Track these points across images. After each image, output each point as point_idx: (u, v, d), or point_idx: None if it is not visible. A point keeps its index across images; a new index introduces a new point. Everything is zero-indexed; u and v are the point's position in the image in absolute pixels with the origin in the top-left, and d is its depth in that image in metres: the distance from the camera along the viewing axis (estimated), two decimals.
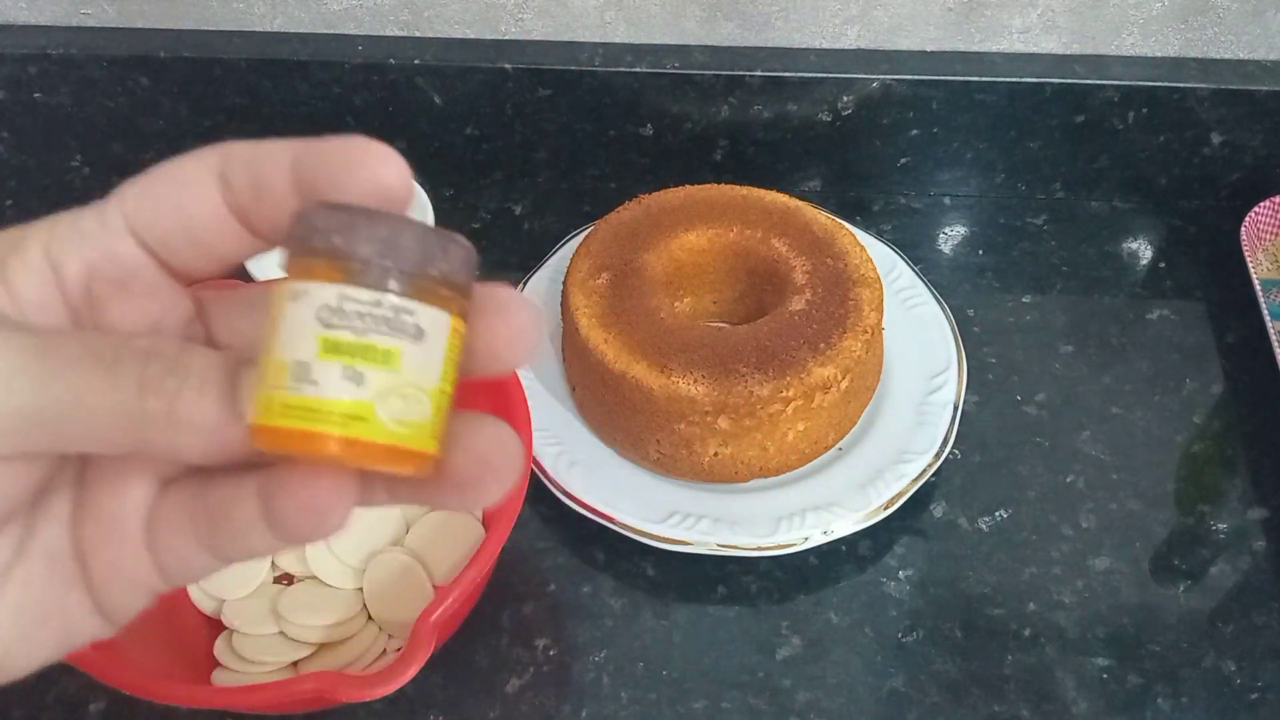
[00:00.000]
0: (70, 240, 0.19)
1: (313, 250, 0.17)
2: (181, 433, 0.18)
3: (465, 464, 0.19)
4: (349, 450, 0.17)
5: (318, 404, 0.17)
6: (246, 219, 0.19)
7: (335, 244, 0.17)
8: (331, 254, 0.17)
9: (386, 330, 0.17)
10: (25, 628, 0.19)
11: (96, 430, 0.17)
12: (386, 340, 0.17)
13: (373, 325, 0.17)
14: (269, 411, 0.17)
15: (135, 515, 0.20)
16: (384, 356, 0.17)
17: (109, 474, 0.20)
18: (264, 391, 0.17)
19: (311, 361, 0.17)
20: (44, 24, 0.66)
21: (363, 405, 0.17)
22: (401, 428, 0.18)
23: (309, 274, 0.17)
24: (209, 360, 0.18)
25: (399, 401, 0.18)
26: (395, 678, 0.36)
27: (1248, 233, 0.62)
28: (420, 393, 0.18)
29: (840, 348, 0.50)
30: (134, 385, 0.17)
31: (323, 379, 0.17)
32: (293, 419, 0.17)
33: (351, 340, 0.17)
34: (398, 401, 0.18)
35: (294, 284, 0.17)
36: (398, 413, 0.18)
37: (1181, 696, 0.47)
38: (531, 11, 0.64)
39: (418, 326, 0.18)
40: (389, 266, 0.17)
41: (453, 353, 0.18)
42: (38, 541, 0.19)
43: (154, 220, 0.19)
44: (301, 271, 0.17)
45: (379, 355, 0.17)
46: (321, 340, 0.17)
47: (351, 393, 0.17)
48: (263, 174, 0.19)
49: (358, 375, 0.17)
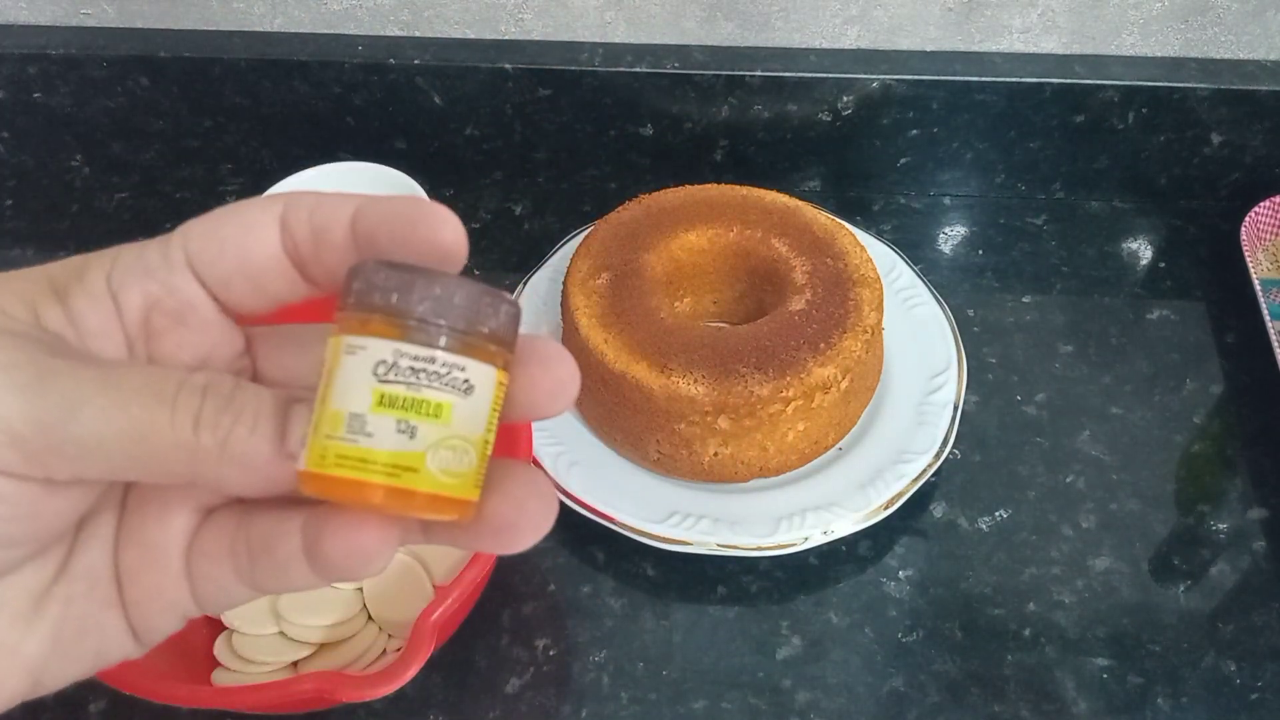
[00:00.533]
0: (133, 273, 0.19)
1: (370, 306, 0.18)
2: (232, 467, 0.18)
3: (504, 511, 0.20)
4: (398, 499, 0.18)
5: (371, 455, 0.18)
6: (303, 266, 0.20)
7: (393, 302, 0.18)
8: (388, 311, 0.18)
9: (439, 385, 0.18)
10: (64, 645, 0.20)
11: (152, 462, 0.18)
12: (438, 395, 0.18)
13: (426, 381, 0.18)
14: (323, 460, 0.18)
15: (177, 543, 0.20)
16: (435, 410, 0.18)
17: (153, 501, 0.20)
18: (318, 440, 0.18)
19: (366, 414, 0.18)
20: (44, 24, 0.66)
21: (414, 456, 0.18)
22: (449, 478, 0.19)
23: (365, 329, 0.18)
24: (261, 398, 0.19)
25: (448, 453, 0.18)
26: (395, 678, 0.36)
27: (1248, 233, 0.62)
28: (467, 444, 0.19)
29: (840, 348, 0.50)
30: (190, 420, 0.18)
31: (377, 431, 0.18)
32: (346, 468, 0.18)
33: (405, 394, 0.18)
34: (447, 453, 0.18)
35: (350, 338, 0.18)
36: (446, 464, 0.18)
37: (1181, 696, 0.47)
38: (531, 11, 0.64)
39: (467, 382, 0.19)
40: (443, 325, 0.18)
41: (496, 403, 0.19)
42: (80, 562, 0.20)
43: (216, 261, 0.19)
44: (358, 326, 0.18)
45: (431, 409, 0.18)
46: (376, 394, 0.18)
47: (404, 444, 0.18)
48: (323, 225, 0.19)
49: (410, 428, 0.18)
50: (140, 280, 0.19)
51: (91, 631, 0.20)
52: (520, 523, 0.20)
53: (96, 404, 0.17)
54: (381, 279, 0.18)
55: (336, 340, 0.19)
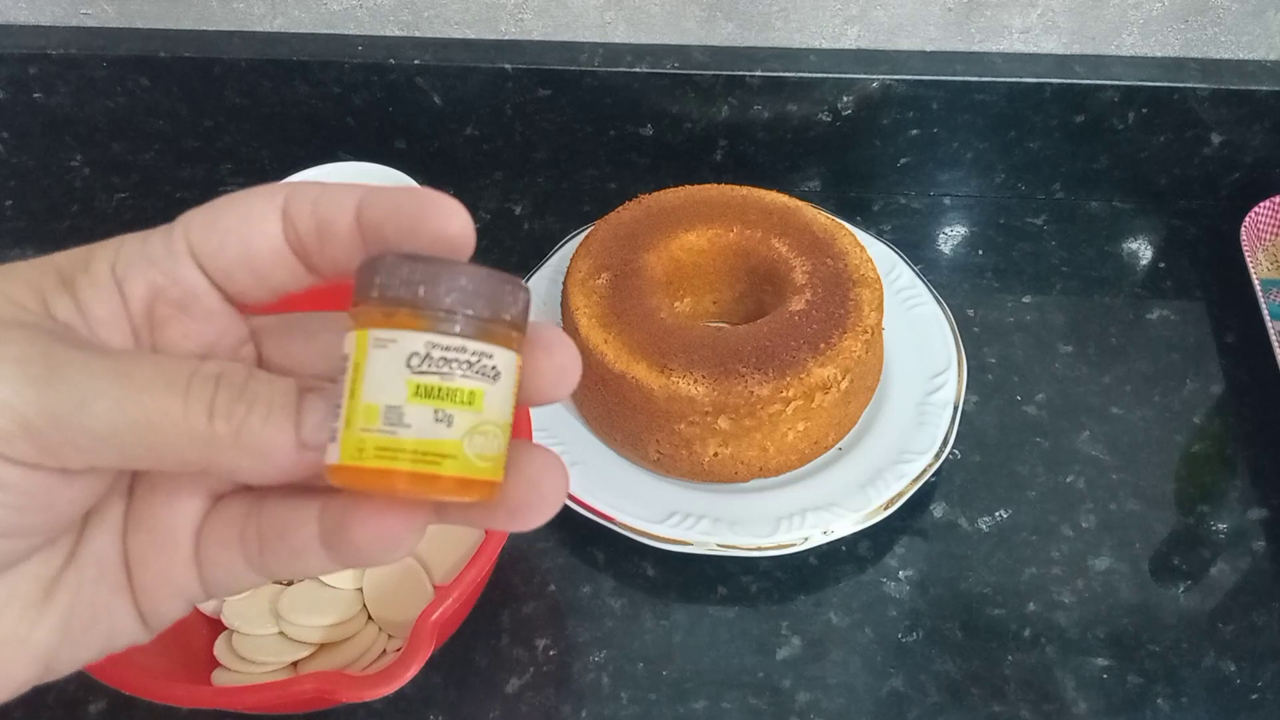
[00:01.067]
0: (137, 263, 0.19)
1: (397, 300, 0.18)
2: (247, 457, 0.18)
3: (521, 490, 0.20)
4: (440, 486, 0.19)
5: (412, 445, 0.18)
6: (306, 256, 0.20)
7: (420, 294, 0.18)
8: (416, 304, 0.18)
9: (471, 374, 0.19)
10: (74, 631, 0.20)
11: (166, 451, 0.18)
12: (471, 383, 0.19)
13: (459, 370, 0.19)
14: (361, 453, 0.18)
15: (186, 529, 0.20)
16: (469, 398, 0.19)
17: (162, 488, 0.20)
18: (352, 434, 0.18)
19: (403, 405, 0.18)
20: (44, 24, 0.66)
21: (453, 445, 0.19)
22: (483, 462, 0.19)
23: (393, 322, 0.18)
24: (275, 387, 0.19)
25: (482, 438, 0.19)
26: (395, 678, 0.36)
27: (1248, 233, 0.62)
28: (497, 428, 0.19)
29: (840, 348, 0.50)
30: (204, 410, 0.18)
31: (415, 421, 0.18)
32: (387, 460, 0.18)
33: (441, 384, 0.19)
34: (481, 438, 0.19)
35: (378, 331, 0.19)
36: (481, 449, 0.19)
37: (1181, 696, 0.47)
38: (531, 11, 0.64)
39: (495, 368, 0.19)
40: (471, 315, 0.19)
41: (517, 387, 0.20)
42: (89, 549, 0.20)
43: (218, 251, 0.19)
44: (383, 319, 0.19)
45: (465, 397, 0.19)
46: (412, 385, 0.18)
47: (442, 433, 0.19)
48: (328, 216, 0.19)
49: (447, 416, 0.19)
50: (144, 270, 0.19)
51: (101, 618, 0.20)
52: (535, 501, 0.20)
53: (110, 395, 0.17)
54: (406, 272, 0.18)
55: (362, 334, 0.19)
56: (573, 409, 0.55)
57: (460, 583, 0.39)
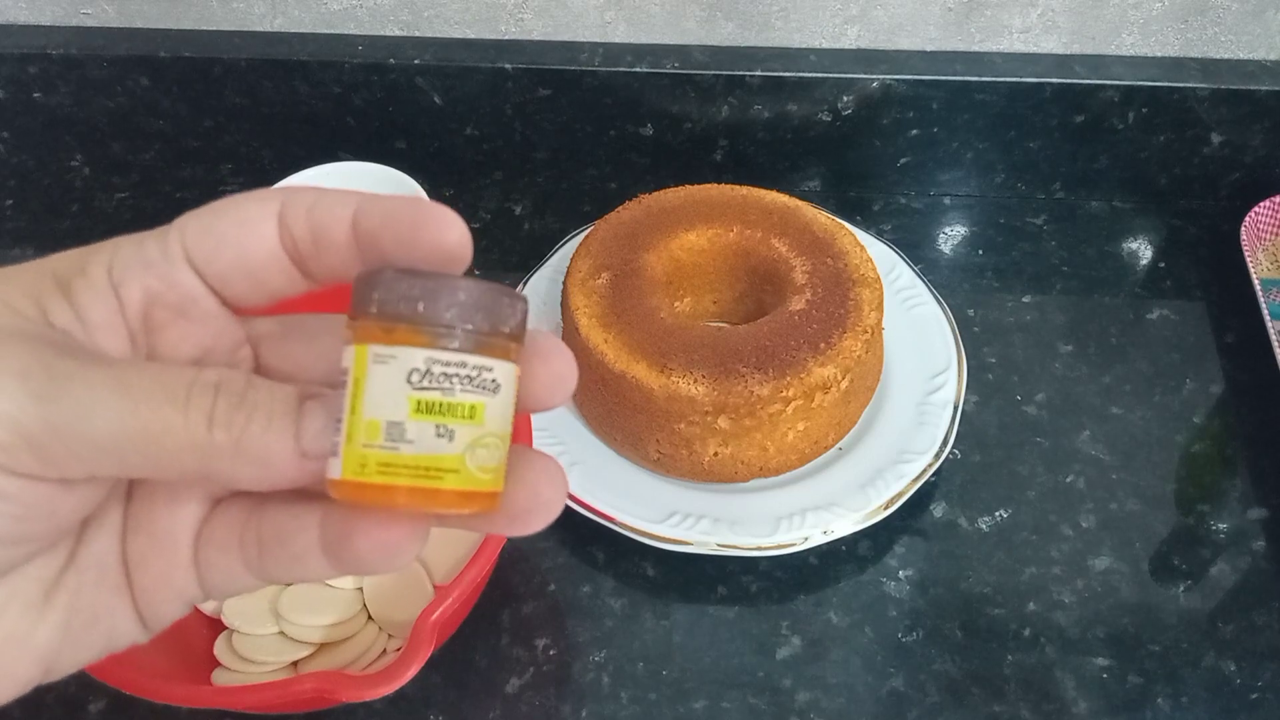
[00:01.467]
0: (133, 266, 0.19)
1: (396, 315, 0.18)
2: (247, 465, 0.18)
3: (522, 497, 0.20)
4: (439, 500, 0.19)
5: (414, 460, 0.18)
6: (302, 262, 0.20)
7: (420, 310, 0.18)
8: (415, 320, 0.18)
9: (471, 388, 0.19)
10: (74, 633, 0.20)
11: (166, 461, 0.18)
12: (472, 397, 0.19)
13: (460, 385, 0.19)
14: (363, 469, 0.18)
15: (186, 532, 0.20)
16: (470, 412, 0.19)
17: (162, 492, 0.20)
18: (354, 449, 0.18)
19: (405, 421, 0.18)
20: (44, 24, 0.66)
21: (455, 459, 0.19)
22: (484, 474, 0.19)
23: (392, 338, 0.18)
24: (274, 395, 0.19)
25: (484, 451, 0.19)
26: (395, 678, 0.36)
27: (1248, 233, 0.62)
28: (497, 440, 0.19)
29: (840, 348, 0.50)
30: (204, 419, 0.18)
31: (417, 437, 0.18)
32: (389, 475, 0.18)
33: (442, 400, 0.19)
34: (483, 451, 0.19)
35: (378, 347, 0.19)
36: (482, 461, 0.19)
37: (1181, 696, 0.47)
38: (531, 11, 0.64)
39: (494, 381, 0.19)
40: (470, 330, 0.19)
41: (514, 398, 0.20)
42: (88, 551, 0.20)
43: (213, 256, 0.19)
44: (383, 335, 0.19)
45: (466, 411, 0.19)
46: (413, 401, 0.18)
47: (444, 448, 0.19)
48: (323, 224, 0.19)
49: (449, 431, 0.19)
50: (140, 274, 0.19)
51: (101, 619, 0.20)
52: (536, 507, 0.20)
53: (110, 406, 0.17)
54: (405, 288, 0.18)
55: (361, 349, 0.19)
56: (573, 409, 0.55)
57: (460, 583, 0.39)
